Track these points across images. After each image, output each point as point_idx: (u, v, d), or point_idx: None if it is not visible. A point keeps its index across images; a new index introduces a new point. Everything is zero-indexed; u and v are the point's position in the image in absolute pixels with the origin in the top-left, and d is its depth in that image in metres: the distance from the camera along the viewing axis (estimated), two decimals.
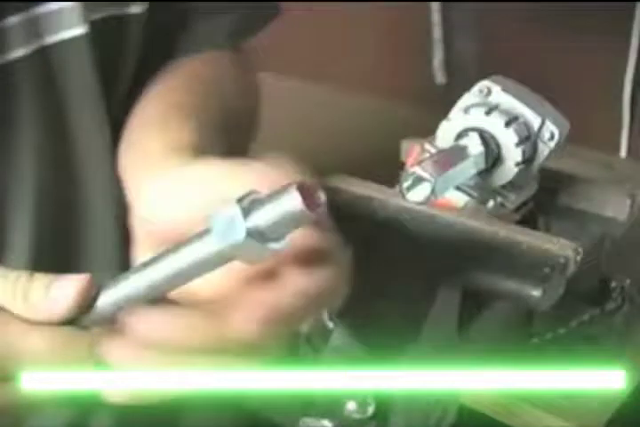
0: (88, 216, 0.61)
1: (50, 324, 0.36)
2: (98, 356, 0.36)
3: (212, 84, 0.62)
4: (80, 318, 0.37)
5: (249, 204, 0.33)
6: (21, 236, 0.57)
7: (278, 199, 0.32)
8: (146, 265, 0.36)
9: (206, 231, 0.34)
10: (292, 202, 0.32)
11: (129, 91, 0.61)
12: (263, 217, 0.33)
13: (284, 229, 0.33)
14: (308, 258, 0.36)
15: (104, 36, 0.57)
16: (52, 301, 0.36)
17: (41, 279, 0.37)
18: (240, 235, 0.32)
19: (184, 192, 0.40)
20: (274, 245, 0.34)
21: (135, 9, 0.59)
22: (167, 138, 0.48)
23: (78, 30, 0.55)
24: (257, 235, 0.33)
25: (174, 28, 0.65)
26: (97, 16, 0.57)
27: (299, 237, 0.35)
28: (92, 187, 0.60)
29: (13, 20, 0.52)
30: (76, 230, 0.61)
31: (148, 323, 0.35)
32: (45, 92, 0.55)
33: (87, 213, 0.61)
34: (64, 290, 0.36)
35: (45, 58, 0.55)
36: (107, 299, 0.36)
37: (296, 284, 0.36)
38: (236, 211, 0.33)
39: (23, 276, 0.37)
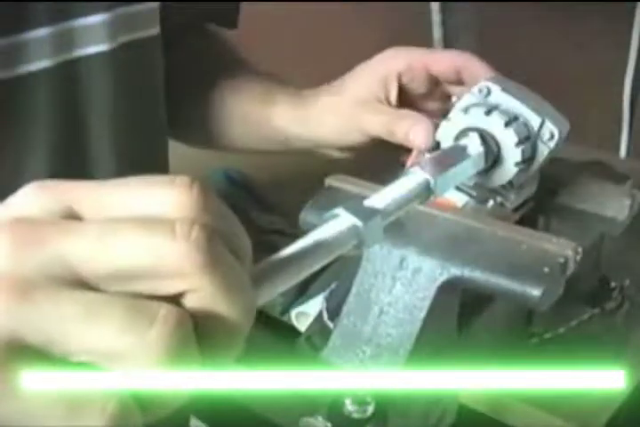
0: None
1: None
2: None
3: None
4: None
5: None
6: None
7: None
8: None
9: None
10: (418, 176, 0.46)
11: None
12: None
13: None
14: None
15: (130, 55, 0.60)
16: None
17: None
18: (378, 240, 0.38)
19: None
20: None
21: (155, 31, 0.63)
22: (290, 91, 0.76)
23: (103, 47, 0.58)
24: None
25: None
26: (125, 39, 0.60)
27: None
28: None
29: (43, 31, 0.54)
30: None
31: None
32: (65, 102, 0.57)
33: None
34: None
35: (69, 71, 0.56)
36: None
37: None
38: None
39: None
